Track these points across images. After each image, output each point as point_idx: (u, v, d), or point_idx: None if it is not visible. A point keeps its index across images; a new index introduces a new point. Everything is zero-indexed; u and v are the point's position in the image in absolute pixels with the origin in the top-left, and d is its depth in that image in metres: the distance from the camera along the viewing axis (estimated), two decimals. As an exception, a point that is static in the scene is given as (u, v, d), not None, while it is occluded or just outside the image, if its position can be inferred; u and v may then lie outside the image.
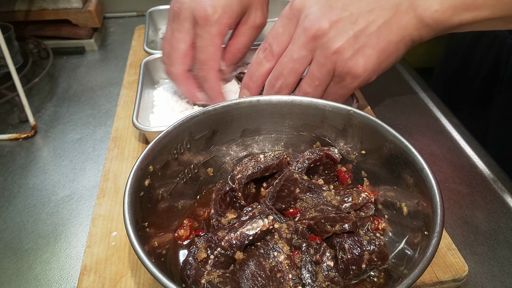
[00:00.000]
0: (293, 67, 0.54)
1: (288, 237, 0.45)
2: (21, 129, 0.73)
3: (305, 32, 0.52)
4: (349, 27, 0.51)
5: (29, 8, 0.93)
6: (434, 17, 0.49)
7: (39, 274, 0.51)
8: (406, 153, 0.45)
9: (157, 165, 0.46)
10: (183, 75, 0.63)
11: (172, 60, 0.62)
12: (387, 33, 0.51)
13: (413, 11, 0.50)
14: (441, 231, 0.37)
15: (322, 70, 0.53)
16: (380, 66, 0.53)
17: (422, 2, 0.49)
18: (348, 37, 0.51)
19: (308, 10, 0.53)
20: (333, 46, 0.51)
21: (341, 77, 0.53)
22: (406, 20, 0.50)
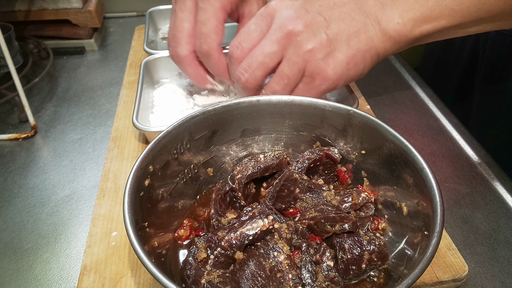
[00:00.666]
0: (263, 61, 0.54)
1: (288, 237, 0.45)
2: (21, 129, 0.73)
3: (280, 28, 0.53)
4: (322, 30, 0.53)
5: (29, 8, 0.93)
6: (397, 30, 0.53)
7: (39, 274, 0.51)
8: (406, 153, 0.45)
9: (157, 165, 0.46)
10: (190, 56, 0.61)
11: (177, 41, 0.60)
12: (356, 41, 0.53)
13: (378, 24, 0.53)
14: (441, 231, 0.37)
15: (293, 68, 0.54)
16: (349, 73, 0.54)
17: (385, 16, 0.53)
18: (321, 39, 0.52)
19: (284, 10, 0.54)
20: (306, 45, 0.52)
21: (311, 78, 0.54)
22: (373, 32, 0.53)
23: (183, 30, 0.60)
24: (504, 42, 0.76)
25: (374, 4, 0.53)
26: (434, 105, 0.76)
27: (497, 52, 0.78)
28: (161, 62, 0.75)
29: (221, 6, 0.58)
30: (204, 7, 0.58)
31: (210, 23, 0.58)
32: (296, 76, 0.54)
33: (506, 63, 0.76)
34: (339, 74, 0.54)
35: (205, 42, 0.59)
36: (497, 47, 0.78)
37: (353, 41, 0.53)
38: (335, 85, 0.55)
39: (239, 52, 0.56)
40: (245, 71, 0.55)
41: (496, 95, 0.79)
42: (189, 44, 0.60)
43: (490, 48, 0.79)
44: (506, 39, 0.75)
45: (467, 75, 0.87)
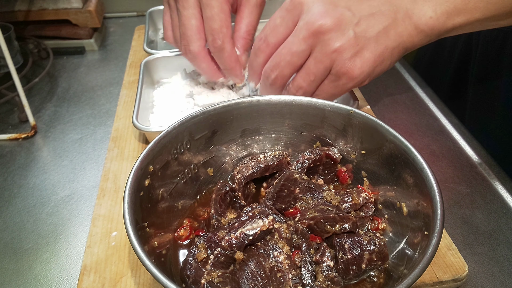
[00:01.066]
0: (291, 60, 0.54)
1: (288, 237, 0.45)
2: (21, 129, 0.73)
3: (307, 25, 0.52)
4: (350, 27, 0.51)
5: (29, 8, 0.93)
6: (429, 24, 0.52)
7: (39, 274, 0.51)
8: (406, 153, 0.45)
9: (157, 165, 0.46)
10: (203, 51, 0.61)
11: (189, 39, 0.60)
12: (385, 38, 0.52)
13: (409, 19, 0.52)
14: (441, 231, 0.37)
15: (319, 67, 0.53)
16: (375, 70, 0.54)
17: (417, 10, 0.51)
18: (349, 38, 0.51)
19: (311, 5, 0.53)
20: (334, 44, 0.51)
21: (337, 76, 0.54)
22: (402, 27, 0.52)
23: (192, 27, 0.60)
24: (496, 38, 0.76)
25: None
26: (434, 105, 0.76)
27: (490, 48, 0.78)
28: (161, 62, 0.75)
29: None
30: (209, 3, 0.58)
31: (219, 18, 0.58)
32: (322, 74, 0.54)
33: (499, 58, 0.76)
34: (366, 73, 0.53)
35: (218, 37, 0.59)
36: (490, 43, 0.78)
37: (382, 38, 0.52)
38: (360, 83, 0.55)
39: (265, 46, 0.56)
40: (273, 69, 0.55)
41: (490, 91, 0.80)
42: (200, 40, 0.60)
43: (483, 44, 0.79)
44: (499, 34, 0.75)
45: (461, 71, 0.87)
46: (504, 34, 0.74)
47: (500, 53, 0.76)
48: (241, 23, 0.63)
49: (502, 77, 0.76)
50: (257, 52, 0.57)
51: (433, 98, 0.78)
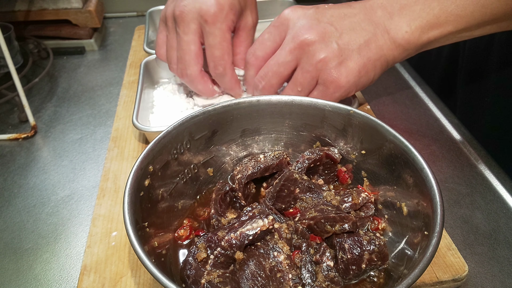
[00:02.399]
0: (278, 70, 0.57)
1: (288, 237, 0.45)
2: (21, 129, 0.73)
3: (293, 39, 0.55)
4: (334, 40, 0.55)
5: (29, 8, 0.93)
6: (405, 38, 0.55)
7: (39, 274, 0.51)
8: (406, 153, 0.45)
9: (157, 165, 0.46)
10: (200, 74, 0.64)
11: (187, 63, 0.62)
12: (367, 50, 0.55)
13: (387, 33, 0.55)
14: (441, 231, 0.37)
15: (306, 77, 0.56)
16: (360, 81, 0.56)
17: (393, 26, 0.55)
18: (333, 49, 0.54)
19: (296, 20, 0.56)
20: (319, 55, 0.54)
21: (325, 86, 0.56)
22: (382, 41, 0.56)
23: (191, 52, 0.62)
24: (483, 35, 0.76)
25: (382, 14, 0.56)
26: (434, 105, 0.76)
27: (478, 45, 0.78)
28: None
29: (227, 28, 0.61)
30: (212, 31, 0.60)
31: (221, 46, 0.61)
32: (309, 84, 0.57)
33: (487, 54, 0.77)
34: (352, 82, 0.56)
35: (220, 65, 0.62)
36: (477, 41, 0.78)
37: (364, 51, 0.55)
38: (347, 93, 0.57)
39: (254, 59, 0.60)
40: (262, 79, 0.59)
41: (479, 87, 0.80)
42: (197, 65, 0.63)
43: (471, 41, 0.80)
44: None
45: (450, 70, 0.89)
46: None
47: (488, 50, 0.77)
48: (241, 47, 0.67)
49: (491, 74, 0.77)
50: (247, 66, 0.61)
51: (433, 98, 0.78)
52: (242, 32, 0.66)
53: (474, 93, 0.82)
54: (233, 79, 0.64)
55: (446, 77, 0.90)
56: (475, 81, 0.81)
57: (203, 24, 0.60)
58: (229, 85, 0.65)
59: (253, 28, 0.67)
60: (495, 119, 0.78)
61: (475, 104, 0.82)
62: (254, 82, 0.61)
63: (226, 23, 0.60)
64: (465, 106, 0.84)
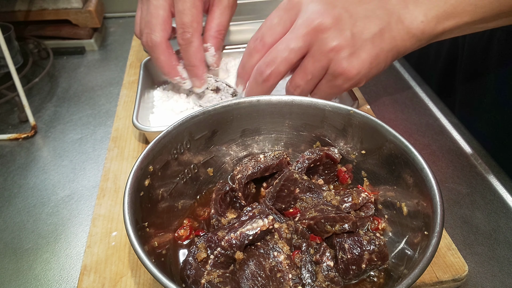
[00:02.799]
0: (288, 57, 0.53)
1: (288, 237, 0.45)
2: (21, 129, 0.73)
3: (306, 22, 0.52)
4: (348, 27, 0.52)
5: (29, 8, 0.93)
6: (420, 28, 0.53)
7: (39, 274, 0.51)
8: (406, 153, 0.45)
9: (157, 165, 0.46)
10: (164, 43, 0.61)
11: (152, 27, 0.60)
12: (380, 40, 0.53)
13: (402, 23, 0.53)
14: (441, 231, 0.37)
15: (316, 66, 0.53)
16: (371, 72, 0.55)
17: (409, 15, 0.53)
18: (346, 38, 0.52)
19: (309, 4, 0.53)
20: (331, 43, 0.52)
21: (334, 76, 0.54)
22: (396, 31, 0.53)
23: (158, 16, 0.59)
24: (483, 34, 0.76)
25: (397, 2, 0.53)
26: (434, 105, 0.76)
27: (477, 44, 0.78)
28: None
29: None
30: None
31: (191, 12, 0.58)
32: (319, 73, 0.54)
33: (486, 55, 0.77)
34: (362, 74, 0.54)
35: (187, 31, 0.59)
36: (476, 39, 0.78)
37: (377, 40, 0.53)
38: (357, 84, 0.55)
39: (261, 46, 0.55)
40: (269, 65, 0.54)
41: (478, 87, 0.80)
42: (164, 31, 0.60)
43: (470, 41, 0.80)
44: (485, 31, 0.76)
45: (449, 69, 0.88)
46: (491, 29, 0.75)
47: (487, 49, 0.76)
48: (212, 23, 0.63)
49: (490, 73, 0.77)
50: (252, 52, 0.56)
51: (433, 98, 0.78)
52: (216, 8, 0.63)
53: (473, 92, 0.82)
54: (198, 53, 0.61)
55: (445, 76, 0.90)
56: (474, 80, 0.81)
57: None
58: (193, 59, 0.61)
59: (229, 8, 0.64)
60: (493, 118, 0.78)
61: (474, 103, 0.82)
62: (258, 68, 0.55)
63: None
64: (464, 105, 0.84)
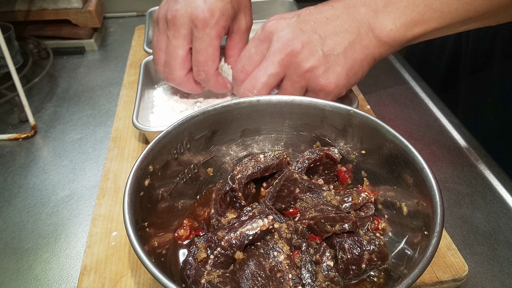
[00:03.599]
0: (267, 81, 0.57)
1: (288, 237, 0.45)
2: (21, 129, 0.73)
3: (280, 50, 0.56)
4: (319, 47, 0.55)
5: (29, 8, 0.93)
6: (390, 36, 0.56)
7: (39, 274, 0.51)
8: (406, 153, 0.45)
9: (157, 165, 0.46)
10: (185, 78, 0.64)
11: (171, 67, 0.63)
12: (352, 52, 0.56)
13: (372, 32, 0.56)
14: (441, 231, 0.37)
15: (296, 87, 0.57)
16: (349, 82, 0.57)
17: (378, 24, 0.55)
18: (319, 57, 0.55)
19: (280, 32, 0.57)
20: (306, 65, 0.55)
21: (315, 93, 0.57)
22: (367, 40, 0.56)
23: (177, 57, 0.62)
24: (487, 33, 0.77)
25: (366, 12, 0.56)
26: (434, 105, 0.76)
27: (481, 42, 0.78)
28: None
29: (216, 34, 0.60)
30: (200, 36, 0.60)
31: (207, 52, 0.61)
32: (299, 92, 0.58)
33: (490, 53, 0.77)
34: (341, 85, 0.56)
35: (202, 70, 0.62)
36: (480, 37, 0.79)
37: (349, 53, 0.55)
38: (338, 94, 0.58)
39: (243, 75, 0.60)
40: (249, 91, 0.58)
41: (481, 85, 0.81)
42: (183, 69, 0.63)
43: (474, 39, 0.80)
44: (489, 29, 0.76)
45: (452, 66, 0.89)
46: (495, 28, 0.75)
47: (491, 48, 0.77)
48: (234, 49, 0.67)
49: (494, 71, 0.77)
50: (237, 82, 0.61)
51: (433, 98, 0.78)
52: (236, 35, 0.66)
53: (477, 92, 0.82)
54: (217, 84, 0.64)
55: (447, 76, 0.90)
56: (477, 79, 0.81)
57: (193, 29, 0.60)
58: (216, 88, 0.65)
59: (247, 31, 0.67)
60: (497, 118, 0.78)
61: (477, 103, 0.82)
62: (242, 95, 0.59)
63: (216, 29, 0.60)
64: (467, 105, 0.84)
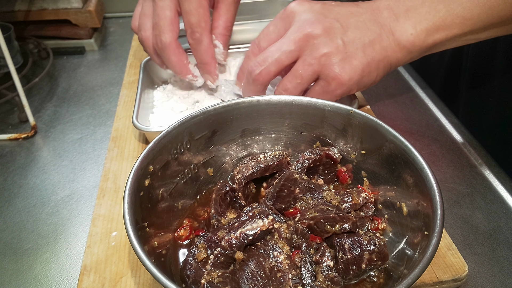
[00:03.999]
0: (279, 57, 0.55)
1: (288, 237, 0.45)
2: (21, 129, 0.73)
3: (299, 29, 0.54)
4: (339, 36, 0.54)
5: (29, 8, 0.93)
6: (410, 40, 0.55)
7: (39, 274, 0.51)
8: (406, 153, 0.45)
9: (157, 165, 0.46)
10: (174, 43, 0.62)
11: (161, 29, 0.61)
12: (371, 50, 0.55)
13: (392, 35, 0.55)
14: (441, 231, 0.37)
15: (308, 69, 0.55)
16: (363, 80, 0.56)
17: (399, 28, 0.55)
18: (337, 45, 0.54)
19: (303, 14, 0.56)
20: (323, 48, 0.54)
21: (327, 81, 0.55)
22: (387, 43, 0.55)
23: (166, 18, 0.60)
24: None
25: (388, 15, 0.55)
26: (434, 105, 0.76)
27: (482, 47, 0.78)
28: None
29: None
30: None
31: (198, 12, 0.59)
32: (310, 77, 0.56)
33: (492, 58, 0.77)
34: (354, 80, 0.55)
35: (196, 31, 0.60)
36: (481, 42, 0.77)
37: (368, 50, 0.55)
38: (349, 90, 0.56)
39: (257, 50, 0.58)
40: (260, 64, 0.56)
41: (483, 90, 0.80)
42: (172, 31, 0.61)
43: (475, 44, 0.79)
44: None
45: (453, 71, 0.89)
46: None
47: (493, 51, 0.76)
48: (219, 20, 0.65)
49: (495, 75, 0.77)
50: (249, 55, 0.60)
51: (433, 98, 0.78)
52: (222, 5, 0.64)
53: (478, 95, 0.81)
54: (209, 50, 0.62)
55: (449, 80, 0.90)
56: (479, 83, 0.81)
57: None
58: (205, 56, 0.63)
59: (234, 3, 0.65)
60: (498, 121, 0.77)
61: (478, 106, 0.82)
62: (250, 67, 0.57)
63: None
64: (468, 108, 0.84)
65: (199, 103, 0.69)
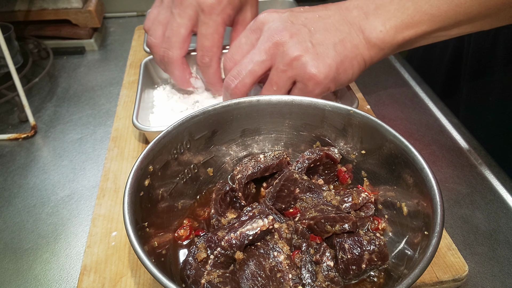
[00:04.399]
0: (252, 69, 0.56)
1: (288, 237, 0.45)
2: (21, 129, 0.73)
3: (268, 38, 0.56)
4: (307, 39, 0.55)
5: (29, 8, 0.93)
6: (380, 37, 0.55)
7: (39, 274, 0.51)
8: (406, 153, 0.45)
9: (157, 165, 0.46)
10: (181, 60, 0.64)
11: (172, 44, 0.63)
12: (343, 48, 0.55)
13: (362, 32, 0.56)
14: (441, 231, 0.37)
15: (282, 76, 0.56)
16: (339, 77, 0.56)
17: (368, 26, 0.56)
18: (307, 47, 0.55)
19: (271, 23, 0.57)
20: (293, 53, 0.54)
21: (303, 83, 0.56)
22: (357, 40, 0.56)
23: (179, 35, 0.62)
24: (488, 33, 0.77)
25: (357, 14, 0.56)
26: (434, 105, 0.76)
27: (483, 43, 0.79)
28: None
29: (222, 21, 0.61)
30: (206, 21, 0.60)
31: (212, 38, 0.61)
32: (285, 83, 0.56)
33: (492, 54, 0.77)
34: (330, 78, 0.55)
35: (207, 55, 0.62)
36: (481, 39, 0.79)
37: (339, 48, 0.55)
38: (327, 88, 0.57)
39: (232, 64, 0.59)
40: (234, 78, 0.57)
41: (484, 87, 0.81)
42: (181, 49, 0.63)
43: (475, 40, 0.80)
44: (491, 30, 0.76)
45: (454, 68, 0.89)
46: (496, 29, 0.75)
47: (493, 49, 0.77)
48: None
49: (496, 72, 0.77)
50: (225, 71, 0.61)
51: (433, 98, 0.78)
52: (240, 27, 0.66)
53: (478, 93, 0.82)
54: (217, 74, 0.65)
55: (449, 76, 0.90)
56: (479, 81, 0.81)
57: (199, 13, 0.60)
58: (212, 79, 0.65)
59: None
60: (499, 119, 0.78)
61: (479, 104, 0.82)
62: (226, 82, 0.59)
63: (222, 16, 0.60)
64: (468, 106, 0.84)
65: (199, 103, 0.69)
